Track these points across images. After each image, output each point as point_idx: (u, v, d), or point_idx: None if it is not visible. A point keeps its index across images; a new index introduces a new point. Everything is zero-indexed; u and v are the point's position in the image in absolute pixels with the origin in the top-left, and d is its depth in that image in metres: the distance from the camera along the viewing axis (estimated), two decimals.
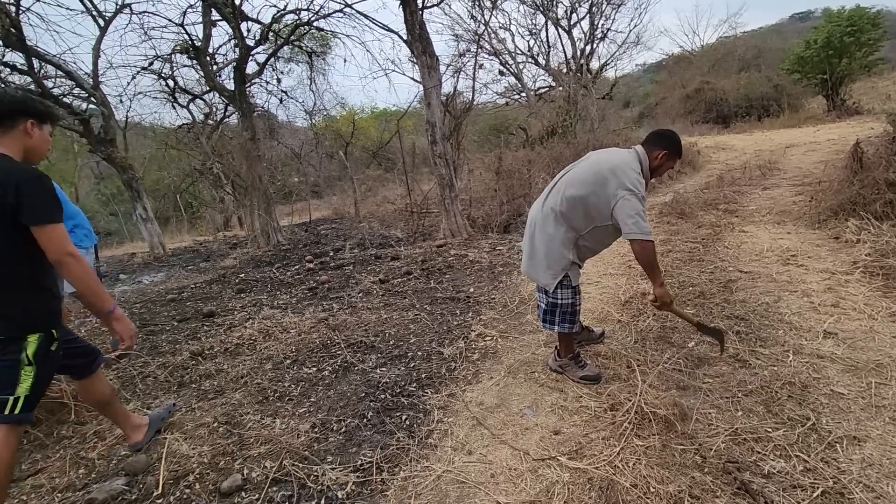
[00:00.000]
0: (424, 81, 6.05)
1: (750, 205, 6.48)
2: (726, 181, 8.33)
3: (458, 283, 4.49)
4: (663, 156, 2.42)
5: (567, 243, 2.44)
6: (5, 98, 1.86)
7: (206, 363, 3.30)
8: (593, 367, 2.66)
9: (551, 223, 2.45)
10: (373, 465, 2.09)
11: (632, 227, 2.25)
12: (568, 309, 2.51)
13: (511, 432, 2.25)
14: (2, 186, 1.67)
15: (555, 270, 2.46)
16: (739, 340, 2.80)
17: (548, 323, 2.57)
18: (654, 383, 2.46)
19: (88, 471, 2.25)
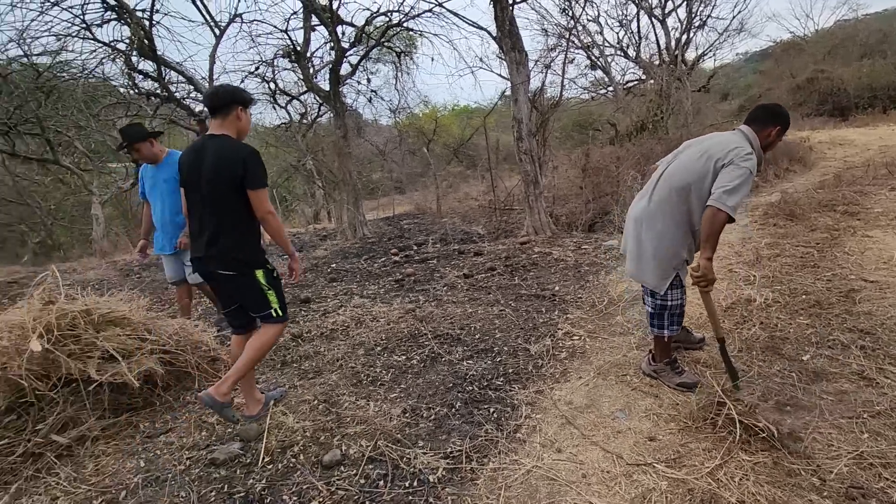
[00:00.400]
0: (512, 77, 6.02)
1: (875, 207, 5.76)
2: (845, 180, 7.46)
3: (543, 281, 4.44)
4: (777, 131, 2.32)
5: (681, 239, 2.34)
6: (222, 91, 2.37)
7: (305, 345, 3.55)
8: (691, 373, 2.52)
9: (660, 219, 2.36)
10: (462, 454, 2.15)
11: (721, 194, 2.10)
12: (677, 311, 2.42)
13: (602, 434, 2.21)
14: (234, 161, 2.22)
15: (665, 270, 2.37)
16: (865, 357, 2.52)
17: (656, 327, 2.48)
18: (762, 395, 2.28)
19: (209, 434, 2.52)
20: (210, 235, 2.30)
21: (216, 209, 2.28)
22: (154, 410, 2.77)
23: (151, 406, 2.79)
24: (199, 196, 2.31)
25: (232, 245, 2.30)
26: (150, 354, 2.79)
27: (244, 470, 2.19)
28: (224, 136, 2.31)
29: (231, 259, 2.31)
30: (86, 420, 2.51)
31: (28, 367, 2.43)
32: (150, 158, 3.59)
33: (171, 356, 2.93)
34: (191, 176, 2.32)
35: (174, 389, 2.94)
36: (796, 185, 8.37)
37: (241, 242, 2.32)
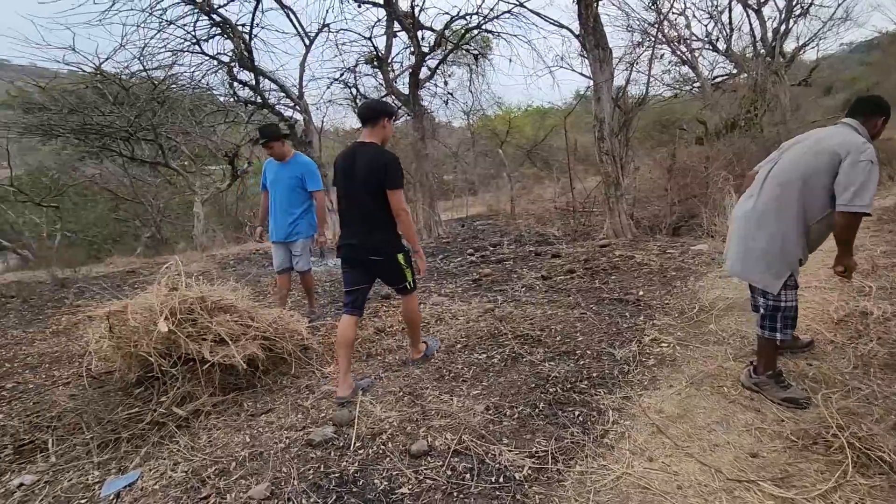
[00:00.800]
0: (595, 76, 5.87)
1: None
2: None
3: (626, 285, 4.29)
4: (883, 122, 2.27)
5: (795, 239, 2.22)
6: (376, 105, 2.89)
7: (388, 339, 3.69)
8: (798, 388, 2.34)
9: (772, 219, 2.25)
10: (548, 455, 2.14)
11: (851, 197, 2.03)
12: (791, 312, 2.29)
13: (698, 447, 2.10)
14: (378, 166, 2.68)
15: (779, 269, 2.26)
16: None
17: (767, 329, 2.35)
18: (880, 417, 2.07)
19: (304, 416, 2.69)
20: (365, 229, 2.80)
21: (369, 207, 2.76)
22: (255, 392, 3.01)
23: (253, 387, 3.03)
24: (353, 194, 2.78)
25: (383, 238, 2.82)
26: (253, 340, 3.04)
27: (337, 453, 2.32)
28: (371, 143, 2.79)
29: (382, 249, 2.84)
30: (200, 396, 2.78)
31: (155, 346, 2.74)
32: (280, 155, 4.11)
33: (270, 342, 3.17)
34: (345, 178, 2.80)
35: (272, 374, 3.18)
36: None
37: (390, 235, 2.85)
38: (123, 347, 2.78)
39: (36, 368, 3.80)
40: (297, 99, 9.17)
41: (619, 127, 6.45)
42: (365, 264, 2.90)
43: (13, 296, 6.88)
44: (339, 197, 2.90)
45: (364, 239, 2.80)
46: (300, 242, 4.20)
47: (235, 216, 16.31)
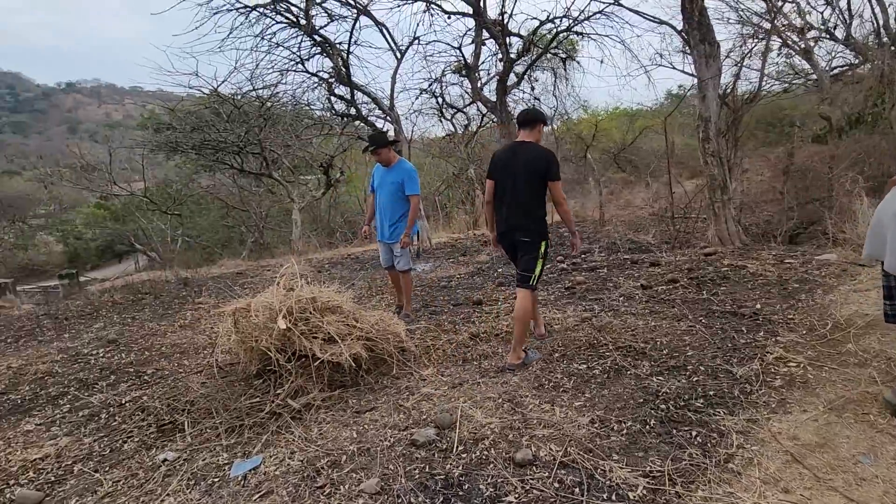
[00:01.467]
0: (700, 73, 5.50)
1: None
2: None
3: (739, 298, 3.95)
4: None
5: None
6: (535, 112, 3.39)
7: (482, 344, 3.69)
8: None
9: None
10: (664, 475, 2.01)
11: None
12: None
13: (842, 479, 1.87)
14: (540, 159, 3.16)
15: None
16: None
17: None
18: None
19: (406, 416, 2.77)
20: (521, 213, 3.21)
21: (525, 196, 3.18)
22: (359, 390, 3.15)
23: (357, 386, 3.18)
24: (512, 185, 3.20)
25: (534, 223, 3.21)
26: (357, 340, 3.19)
27: (441, 455, 2.35)
28: (530, 142, 3.27)
29: (531, 232, 3.21)
30: (311, 390, 2.96)
31: (273, 342, 2.97)
32: (386, 161, 4.42)
33: (372, 343, 3.30)
34: (506, 170, 3.24)
35: (374, 373, 3.31)
36: None
37: (540, 223, 3.24)
38: (247, 342, 3.04)
39: (169, 357, 4.27)
40: (388, 110, 9.55)
41: (726, 126, 5.98)
42: (515, 245, 3.33)
43: (147, 292, 7.81)
44: (497, 189, 3.32)
45: (518, 222, 3.23)
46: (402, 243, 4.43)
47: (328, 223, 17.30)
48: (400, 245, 4.36)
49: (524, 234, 3.23)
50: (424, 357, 3.55)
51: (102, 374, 4.03)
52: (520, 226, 3.23)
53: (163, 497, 2.25)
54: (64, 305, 7.77)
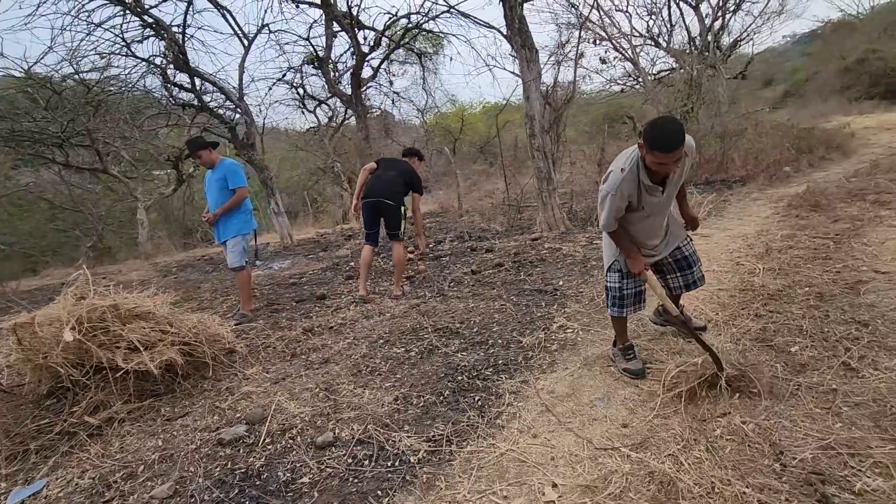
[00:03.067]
0: (523, 75, 6.08)
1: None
2: (882, 167, 7.12)
3: (548, 276, 4.51)
4: (641, 147, 2.21)
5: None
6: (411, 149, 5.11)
7: (315, 339, 3.76)
8: (639, 362, 2.65)
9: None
10: (443, 438, 2.28)
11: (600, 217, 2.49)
12: (616, 293, 2.62)
13: (578, 421, 2.30)
14: (414, 174, 4.80)
15: (607, 255, 2.68)
16: (858, 348, 2.49)
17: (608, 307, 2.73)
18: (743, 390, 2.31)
19: (220, 417, 2.75)
20: (389, 190, 4.52)
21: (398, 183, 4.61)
22: (175, 396, 3.04)
23: (172, 392, 3.06)
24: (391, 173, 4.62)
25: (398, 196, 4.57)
26: (171, 346, 3.06)
27: (247, 449, 2.40)
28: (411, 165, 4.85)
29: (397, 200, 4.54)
30: (114, 404, 2.79)
31: (65, 356, 2.73)
32: (209, 163, 4.32)
33: (191, 347, 3.20)
34: (389, 164, 4.77)
35: (193, 378, 3.21)
36: (831, 174, 8.04)
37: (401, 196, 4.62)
38: (33, 359, 2.76)
39: None
40: (237, 101, 9.03)
41: (549, 124, 6.69)
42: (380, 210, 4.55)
43: None
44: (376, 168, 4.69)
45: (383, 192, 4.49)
46: (230, 241, 4.32)
47: (183, 221, 15.84)
48: (209, 219, 4.28)
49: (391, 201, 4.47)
50: (252, 356, 3.52)
51: None
52: (389, 196, 4.47)
53: None
54: None
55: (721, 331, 2.90)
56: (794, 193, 6.50)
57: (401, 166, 4.73)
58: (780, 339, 2.70)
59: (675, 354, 2.70)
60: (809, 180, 7.66)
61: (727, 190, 7.91)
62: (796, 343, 2.63)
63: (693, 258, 2.70)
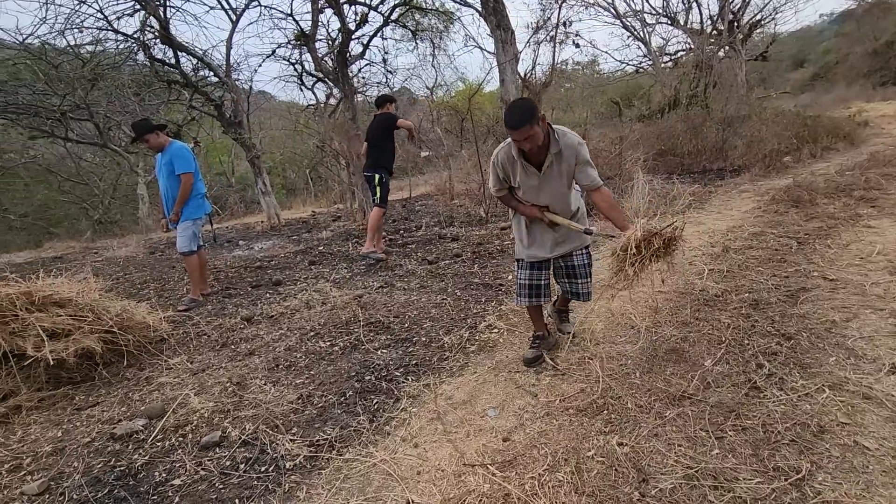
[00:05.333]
0: (498, 57, 5.84)
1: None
2: (881, 160, 6.74)
3: (500, 270, 4.39)
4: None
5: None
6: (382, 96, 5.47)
7: (251, 328, 3.73)
8: (537, 351, 2.73)
9: None
10: (327, 443, 2.23)
11: None
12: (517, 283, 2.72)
13: (464, 432, 2.22)
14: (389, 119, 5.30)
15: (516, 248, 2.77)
16: (771, 365, 2.35)
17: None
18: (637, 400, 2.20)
19: (127, 409, 2.74)
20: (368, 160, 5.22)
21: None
22: (93, 385, 3.04)
23: (91, 380, 3.07)
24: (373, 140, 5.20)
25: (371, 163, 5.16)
26: (90, 333, 3.05)
27: (136, 445, 2.38)
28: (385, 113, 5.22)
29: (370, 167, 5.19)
30: (21, 392, 2.81)
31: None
32: (157, 147, 4.25)
33: (113, 335, 3.19)
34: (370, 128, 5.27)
35: (116, 366, 3.21)
36: (832, 165, 7.65)
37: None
38: None
39: None
40: (224, 77, 8.94)
41: None
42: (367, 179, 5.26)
43: None
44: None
45: (368, 164, 5.22)
46: (180, 225, 4.30)
47: None
48: (170, 219, 4.24)
49: (367, 172, 5.24)
50: (182, 346, 3.51)
51: None
52: (366, 168, 5.24)
53: None
54: None
55: (640, 338, 2.77)
56: (779, 186, 6.21)
57: (375, 125, 5.20)
58: (697, 351, 2.56)
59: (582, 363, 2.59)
60: (807, 172, 7.31)
61: (719, 180, 7.60)
62: (711, 356, 2.49)
63: (581, 271, 2.61)
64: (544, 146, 2.32)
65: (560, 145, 2.32)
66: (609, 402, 2.22)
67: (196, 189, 4.37)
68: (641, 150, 7.07)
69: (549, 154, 2.34)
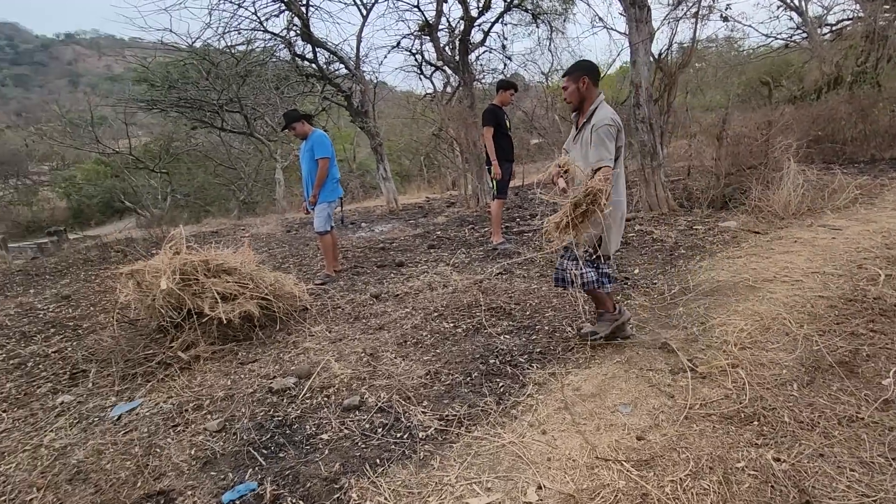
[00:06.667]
0: (631, 37, 5.50)
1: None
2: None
3: (625, 263, 4.19)
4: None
5: None
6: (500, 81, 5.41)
7: (379, 305, 4.00)
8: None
9: None
10: (456, 419, 2.34)
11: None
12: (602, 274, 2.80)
13: (593, 425, 2.18)
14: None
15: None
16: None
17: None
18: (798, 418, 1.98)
19: (279, 367, 3.11)
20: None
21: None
22: (252, 344, 3.49)
23: (249, 340, 3.52)
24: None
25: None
26: (250, 299, 3.50)
27: (290, 400, 2.70)
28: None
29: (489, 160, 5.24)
30: (200, 344, 3.31)
31: (167, 300, 3.29)
32: (302, 135, 4.73)
33: (267, 302, 3.62)
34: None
35: (269, 329, 3.65)
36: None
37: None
38: (145, 301, 3.37)
39: (109, 312, 4.65)
40: (353, 70, 9.54)
41: (660, 92, 5.99)
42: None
43: (119, 250, 8.19)
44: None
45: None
46: (316, 207, 4.69)
47: None
48: (309, 201, 4.65)
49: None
50: (321, 316, 3.87)
51: (45, 327, 4.42)
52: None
53: (47, 432, 2.64)
54: (40, 262, 8.20)
55: (798, 347, 2.48)
56: None
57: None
58: (872, 367, 2.23)
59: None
60: None
61: (893, 171, 6.45)
62: (890, 375, 2.16)
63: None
64: (585, 112, 2.63)
65: (594, 119, 2.54)
66: (761, 412, 2.03)
67: (331, 174, 4.76)
68: (793, 136, 6.22)
69: (587, 123, 2.59)
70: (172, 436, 2.46)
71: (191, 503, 1.94)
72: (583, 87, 2.58)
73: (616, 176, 2.54)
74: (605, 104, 2.60)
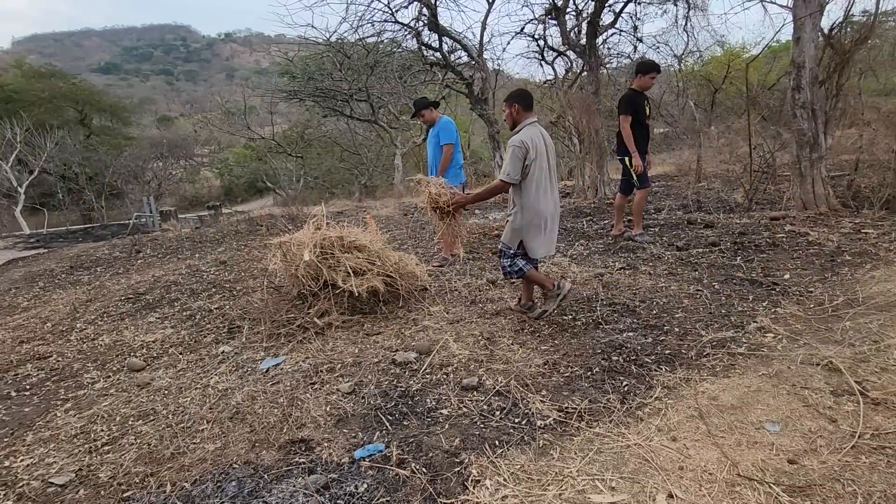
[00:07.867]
0: (796, 10, 4.80)
1: None
2: None
3: (772, 266, 3.73)
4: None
5: None
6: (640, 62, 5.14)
7: (495, 290, 4.04)
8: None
9: None
10: (575, 412, 2.29)
11: None
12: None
13: (734, 440, 1.99)
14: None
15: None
16: None
17: None
18: None
19: (401, 341, 3.29)
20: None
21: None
22: (376, 317, 3.74)
23: (374, 313, 3.77)
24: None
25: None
26: (376, 275, 3.74)
27: (411, 373, 2.85)
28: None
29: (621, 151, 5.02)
30: (333, 313, 3.62)
31: (307, 271, 3.64)
32: (429, 121, 4.94)
33: (391, 280, 3.84)
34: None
35: (391, 305, 3.87)
36: None
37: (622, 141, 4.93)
38: (289, 270, 3.77)
39: (256, 277, 5.28)
40: (476, 57, 9.61)
41: (828, 72, 5.14)
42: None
43: (262, 225, 9.24)
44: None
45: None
46: None
47: None
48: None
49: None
50: (439, 297, 4.01)
51: (207, 286, 5.16)
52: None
53: (213, 375, 3.08)
54: (203, 231, 9.56)
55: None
56: None
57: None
58: None
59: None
60: None
61: None
62: None
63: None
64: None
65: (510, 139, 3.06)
66: None
67: (455, 160, 4.86)
68: None
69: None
70: (310, 392, 2.73)
71: (328, 453, 2.14)
72: (514, 112, 3.08)
73: (528, 188, 3.03)
74: (532, 127, 3.04)
